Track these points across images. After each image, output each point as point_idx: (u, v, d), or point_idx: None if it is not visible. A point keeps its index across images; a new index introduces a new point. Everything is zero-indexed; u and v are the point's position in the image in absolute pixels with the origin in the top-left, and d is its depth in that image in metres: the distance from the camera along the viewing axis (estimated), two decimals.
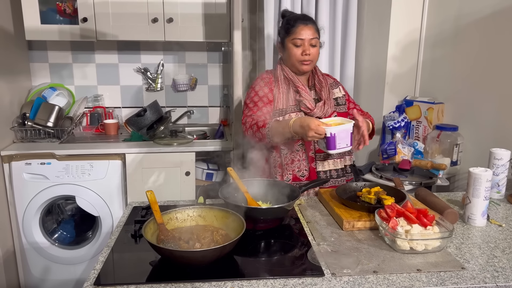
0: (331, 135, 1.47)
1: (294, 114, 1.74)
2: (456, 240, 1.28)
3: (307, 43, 1.71)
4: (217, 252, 1.07)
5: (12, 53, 2.54)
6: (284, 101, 1.76)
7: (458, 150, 2.19)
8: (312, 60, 1.74)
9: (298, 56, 1.72)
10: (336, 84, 1.89)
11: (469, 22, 2.12)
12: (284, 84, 1.78)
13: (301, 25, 1.71)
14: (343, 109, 1.84)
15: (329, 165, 1.78)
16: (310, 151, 1.76)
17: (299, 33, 1.70)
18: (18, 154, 2.31)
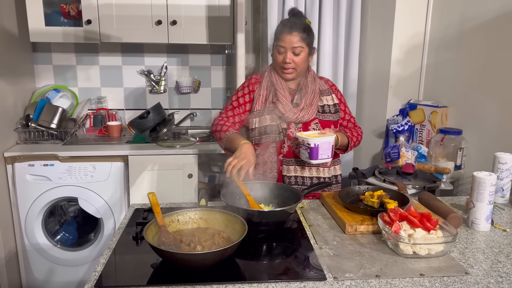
0: (315, 146, 1.54)
1: (269, 116, 1.75)
2: (459, 245, 1.27)
3: (289, 51, 1.69)
4: (218, 255, 1.06)
5: (16, 54, 2.56)
6: (263, 103, 1.77)
7: (462, 154, 2.18)
8: (295, 68, 1.72)
9: (279, 62, 1.72)
10: (329, 91, 1.85)
11: (473, 26, 2.11)
12: (267, 86, 1.78)
13: (285, 32, 1.68)
14: (331, 118, 1.80)
15: (295, 171, 1.76)
16: (280, 155, 1.76)
17: (282, 40, 1.69)
18: (21, 155, 2.32)
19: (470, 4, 2.13)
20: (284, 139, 1.74)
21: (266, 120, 1.75)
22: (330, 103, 1.82)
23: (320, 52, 2.48)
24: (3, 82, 2.35)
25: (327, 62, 2.49)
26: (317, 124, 1.77)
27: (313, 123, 1.76)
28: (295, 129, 1.75)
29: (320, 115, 1.78)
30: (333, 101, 1.83)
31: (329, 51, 2.49)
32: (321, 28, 2.45)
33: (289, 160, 1.75)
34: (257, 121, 1.76)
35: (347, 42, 2.52)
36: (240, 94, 1.82)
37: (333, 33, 2.49)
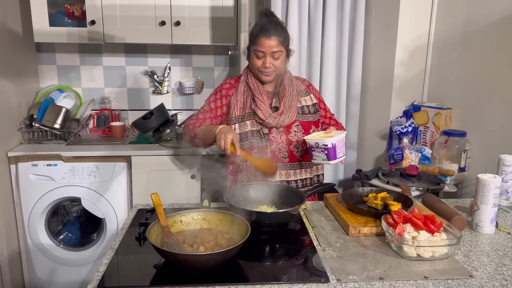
0: (333, 146, 1.52)
1: (249, 121, 1.73)
2: (464, 248, 1.26)
3: (268, 55, 1.67)
4: (221, 256, 1.06)
5: (20, 55, 2.56)
6: (241, 108, 1.75)
7: (466, 156, 2.17)
8: (274, 71, 1.71)
9: (258, 66, 1.71)
10: (307, 91, 1.85)
11: (478, 28, 2.10)
12: (243, 91, 1.77)
13: (263, 37, 1.65)
14: (312, 118, 1.80)
15: (280, 176, 1.75)
16: None
17: (260, 44, 1.66)
18: (25, 155, 2.32)
19: (474, 5, 2.12)
20: (267, 144, 1.73)
21: (247, 125, 1.74)
22: (309, 103, 1.82)
23: (324, 53, 2.47)
24: (7, 82, 2.36)
25: (330, 63, 2.48)
26: (298, 127, 1.77)
27: (294, 126, 1.76)
28: (276, 133, 1.74)
29: (300, 116, 1.78)
30: (311, 101, 1.83)
31: (333, 52, 2.48)
32: (324, 29, 2.45)
33: None
34: (237, 127, 1.74)
35: (350, 43, 2.51)
36: (212, 99, 1.81)
37: (336, 34, 2.48)
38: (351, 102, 2.57)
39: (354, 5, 2.46)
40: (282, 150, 1.74)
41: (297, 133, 1.76)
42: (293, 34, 2.39)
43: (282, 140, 1.75)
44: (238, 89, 1.78)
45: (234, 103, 1.76)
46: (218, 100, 1.79)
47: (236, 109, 1.75)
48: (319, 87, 2.52)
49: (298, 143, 1.77)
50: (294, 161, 1.77)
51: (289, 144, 1.75)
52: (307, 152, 1.76)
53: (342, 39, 2.48)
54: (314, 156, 1.59)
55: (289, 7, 2.38)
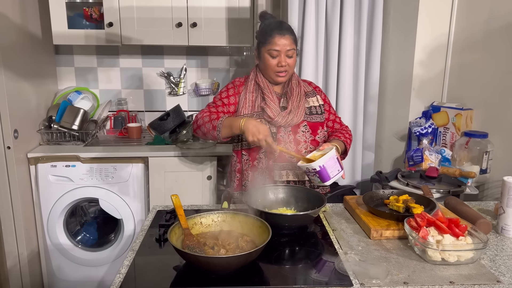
0: (321, 168, 1.48)
1: (258, 120, 1.71)
2: (489, 252, 1.23)
3: (283, 54, 1.67)
4: (242, 259, 1.05)
5: (40, 57, 2.60)
6: (250, 106, 1.75)
7: (488, 157, 2.12)
8: (288, 70, 1.72)
9: (273, 67, 1.70)
10: (314, 92, 1.85)
11: (500, 26, 2.05)
12: (253, 89, 1.76)
13: (277, 35, 1.66)
14: (319, 119, 1.80)
15: (287, 176, 1.73)
16: (270, 160, 1.73)
17: (275, 43, 1.66)
18: (44, 156, 2.35)
19: (496, 3, 2.07)
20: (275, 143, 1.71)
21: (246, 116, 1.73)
22: (316, 104, 1.82)
23: (341, 54, 2.45)
24: (27, 84, 2.39)
25: (348, 64, 2.45)
26: (306, 127, 1.75)
27: (302, 126, 1.75)
28: (284, 132, 1.73)
29: (308, 117, 1.77)
30: (318, 102, 1.83)
31: (350, 52, 2.45)
32: (342, 29, 2.42)
33: (280, 165, 1.73)
34: None
35: (368, 43, 2.48)
36: (224, 95, 1.79)
37: (354, 34, 2.45)
38: (369, 102, 2.54)
39: (372, 5, 2.43)
40: (290, 150, 1.72)
41: (304, 133, 1.75)
42: (310, 34, 2.37)
43: (290, 140, 1.74)
44: (247, 87, 1.77)
45: (243, 101, 1.75)
46: (231, 97, 1.78)
47: (245, 107, 1.74)
48: (337, 88, 2.49)
49: (305, 143, 1.75)
50: None
51: (296, 144, 1.74)
52: None
53: (360, 39, 2.45)
54: (311, 179, 1.55)
55: (306, 7, 2.36)
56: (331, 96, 2.46)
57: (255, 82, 1.78)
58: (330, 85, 2.48)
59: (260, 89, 1.76)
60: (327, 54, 2.47)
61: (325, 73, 2.51)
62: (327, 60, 2.48)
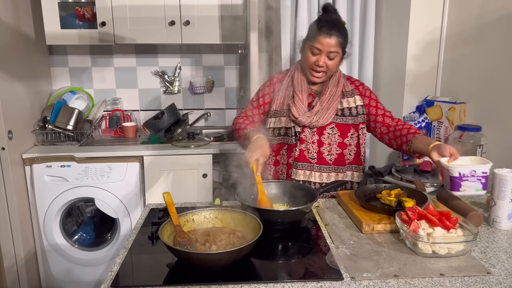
0: (460, 175, 1.30)
1: (285, 118, 1.72)
2: (480, 244, 1.24)
3: (324, 54, 1.62)
4: (233, 254, 1.05)
5: (33, 58, 2.60)
6: (280, 103, 1.74)
7: (481, 151, 2.13)
8: (326, 72, 1.67)
9: (311, 64, 1.66)
10: (353, 92, 1.76)
11: (492, 20, 2.05)
12: (287, 86, 1.75)
13: (323, 34, 1.59)
14: (351, 121, 1.72)
15: (304, 176, 1.71)
16: (290, 158, 1.72)
17: (319, 41, 1.60)
18: (39, 156, 2.35)
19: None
20: (297, 142, 1.71)
21: (281, 121, 1.73)
22: (352, 106, 1.73)
23: None
24: (21, 85, 2.39)
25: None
26: (333, 129, 1.71)
27: (329, 128, 1.70)
28: (309, 132, 1.70)
29: (338, 118, 1.71)
30: (355, 103, 1.74)
31: None
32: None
33: (299, 164, 1.71)
34: (273, 122, 1.75)
35: (361, 38, 2.48)
36: (260, 94, 1.80)
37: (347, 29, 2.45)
38: None
39: (364, 0, 2.43)
40: (311, 150, 1.70)
41: (331, 135, 1.70)
42: (303, 30, 2.38)
43: (313, 141, 1.70)
44: (283, 83, 1.76)
45: (276, 97, 1.75)
46: (266, 96, 1.78)
47: (276, 104, 1.74)
48: None
49: (330, 146, 1.70)
50: (322, 164, 1.72)
51: (320, 145, 1.70)
52: (340, 157, 1.71)
53: (353, 35, 2.46)
54: (464, 187, 1.30)
55: (298, 3, 2.36)
56: None
57: (291, 78, 1.75)
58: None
59: (293, 86, 1.74)
60: None
61: None
62: None
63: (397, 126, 1.70)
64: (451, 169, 1.31)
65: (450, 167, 1.31)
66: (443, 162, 1.35)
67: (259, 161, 1.43)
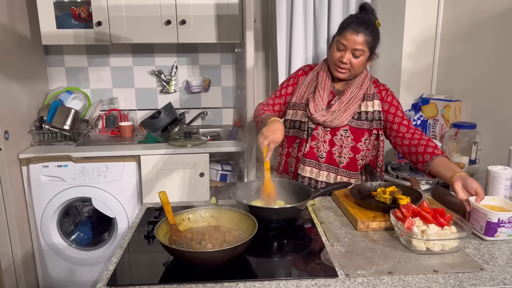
0: (498, 221, 1.23)
1: (301, 112, 1.73)
2: (474, 241, 1.25)
3: (349, 50, 1.60)
4: (229, 252, 1.06)
5: (29, 58, 2.59)
6: (301, 96, 1.75)
7: (476, 148, 2.14)
8: (350, 69, 1.64)
9: (335, 59, 1.64)
10: (374, 96, 1.69)
11: (487, 18, 2.06)
12: (311, 80, 1.76)
13: (351, 30, 1.57)
14: (366, 126, 1.67)
15: (311, 173, 1.71)
16: (299, 152, 1.73)
17: (345, 37, 1.58)
18: (36, 157, 2.35)
19: None
20: (308, 138, 1.69)
21: (298, 115, 1.74)
22: (370, 110, 1.68)
23: None
24: (17, 85, 2.39)
25: None
26: (347, 131, 1.67)
27: (342, 130, 1.67)
28: (322, 131, 1.68)
29: (353, 121, 1.66)
30: (373, 108, 1.68)
31: None
32: (330, 23, 2.43)
33: (307, 160, 1.70)
34: (290, 113, 1.77)
35: None
36: (285, 85, 1.84)
37: None
38: None
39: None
40: (321, 149, 1.69)
41: (343, 137, 1.67)
42: (299, 29, 2.38)
43: (325, 140, 1.68)
44: (308, 77, 1.78)
45: (298, 90, 1.77)
46: (289, 87, 1.81)
47: (297, 96, 1.76)
48: None
49: (341, 148, 1.68)
50: (330, 164, 1.70)
51: (331, 145, 1.69)
52: (353, 161, 1.69)
53: None
54: (499, 232, 1.23)
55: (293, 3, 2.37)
56: None
57: (316, 73, 1.76)
58: None
59: (317, 81, 1.74)
60: (316, 48, 2.48)
61: None
62: (316, 54, 2.49)
63: (413, 141, 1.62)
64: (490, 214, 1.23)
65: (490, 212, 1.23)
66: (477, 205, 1.28)
67: (269, 146, 1.44)
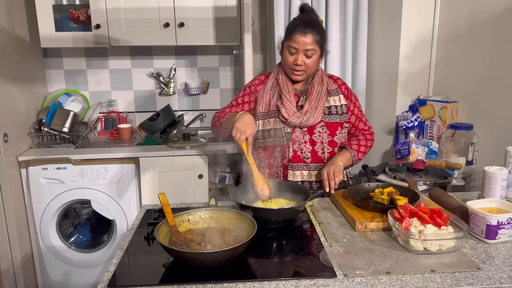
0: (498, 224, 1.24)
1: (273, 119, 1.72)
2: (471, 240, 1.26)
3: (301, 53, 1.64)
4: (228, 253, 1.07)
5: (28, 60, 2.60)
6: (266, 105, 1.74)
7: (473, 149, 2.16)
8: (305, 70, 1.68)
9: (289, 64, 1.67)
10: (337, 91, 1.78)
11: (483, 19, 2.08)
12: (271, 87, 1.75)
13: (299, 33, 1.61)
14: (338, 119, 1.74)
15: (301, 176, 1.72)
16: (284, 159, 1.73)
17: (295, 41, 1.62)
18: (35, 159, 2.36)
19: None
20: (289, 143, 1.71)
21: (270, 123, 1.73)
22: (338, 104, 1.76)
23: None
24: (16, 87, 2.40)
25: (335, 60, 2.48)
26: (323, 127, 1.72)
27: (319, 126, 1.72)
28: (300, 132, 1.71)
29: (326, 117, 1.73)
30: (340, 102, 1.76)
31: (337, 48, 2.48)
32: (328, 25, 2.45)
33: (294, 165, 1.72)
34: (261, 124, 1.74)
35: (354, 39, 2.51)
36: (240, 94, 1.81)
37: (340, 30, 2.48)
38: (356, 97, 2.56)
39: (357, 0, 2.46)
40: (304, 150, 1.71)
41: (321, 134, 1.72)
42: None
43: (306, 140, 1.71)
44: (266, 85, 1.77)
45: (261, 99, 1.75)
46: (246, 96, 1.80)
47: (262, 106, 1.74)
48: None
49: (322, 144, 1.72)
50: (317, 162, 1.73)
51: (312, 144, 1.72)
52: (333, 154, 1.73)
53: (346, 35, 2.48)
54: (500, 234, 1.24)
55: (291, 3, 2.38)
56: None
57: (275, 79, 1.76)
58: None
59: (278, 87, 1.74)
60: None
61: None
62: None
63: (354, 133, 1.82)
64: (489, 217, 1.24)
65: (488, 215, 1.24)
66: (476, 209, 1.28)
67: (248, 140, 1.45)
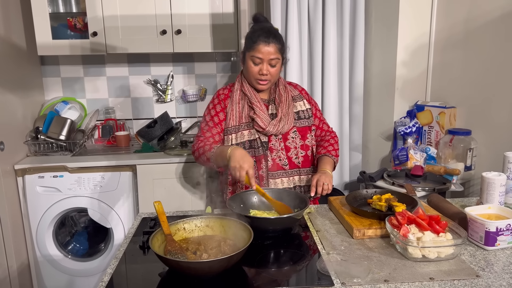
0: (497, 230, 1.23)
1: (247, 131, 1.71)
2: (470, 247, 1.25)
3: (266, 62, 1.65)
4: (224, 262, 1.05)
5: (25, 68, 2.60)
6: (237, 118, 1.73)
7: (472, 154, 2.15)
8: (270, 79, 1.70)
9: (254, 74, 1.68)
10: (300, 96, 1.84)
11: (480, 24, 2.08)
12: (239, 99, 1.74)
13: (262, 43, 1.63)
14: (307, 123, 1.80)
15: (282, 183, 1.72)
16: (260, 170, 1.71)
17: (258, 51, 1.64)
18: (31, 167, 2.34)
19: (475, 2, 2.11)
20: (266, 152, 1.71)
21: (244, 135, 1.72)
22: (303, 108, 1.82)
23: (325, 56, 2.47)
24: (12, 95, 2.39)
25: (332, 66, 2.48)
26: (295, 132, 1.75)
27: (292, 132, 1.75)
28: (276, 140, 1.72)
29: (297, 122, 1.77)
30: (305, 106, 1.82)
31: (334, 54, 2.48)
32: (325, 31, 2.45)
33: (275, 173, 1.72)
34: (234, 137, 1.72)
35: (351, 45, 2.51)
36: (213, 113, 1.77)
37: (337, 36, 2.48)
38: (354, 104, 2.56)
39: (353, 7, 2.46)
40: (282, 157, 1.73)
41: (294, 139, 1.75)
42: (293, 37, 2.40)
43: (282, 147, 1.73)
44: (232, 98, 1.75)
45: (230, 112, 1.73)
46: (220, 113, 1.76)
47: (232, 119, 1.72)
48: (322, 90, 2.52)
49: (296, 149, 1.76)
50: (293, 168, 1.76)
51: (287, 151, 1.74)
52: (306, 158, 1.77)
53: (343, 41, 2.48)
54: (499, 241, 1.23)
55: (288, 11, 2.39)
56: (317, 99, 2.48)
57: (240, 91, 1.76)
58: (315, 87, 2.50)
59: (246, 98, 1.74)
60: (311, 56, 2.50)
61: (310, 76, 2.53)
62: (311, 62, 2.51)
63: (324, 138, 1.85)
64: (488, 224, 1.23)
65: (487, 222, 1.23)
66: (475, 215, 1.27)
67: (249, 173, 1.43)
